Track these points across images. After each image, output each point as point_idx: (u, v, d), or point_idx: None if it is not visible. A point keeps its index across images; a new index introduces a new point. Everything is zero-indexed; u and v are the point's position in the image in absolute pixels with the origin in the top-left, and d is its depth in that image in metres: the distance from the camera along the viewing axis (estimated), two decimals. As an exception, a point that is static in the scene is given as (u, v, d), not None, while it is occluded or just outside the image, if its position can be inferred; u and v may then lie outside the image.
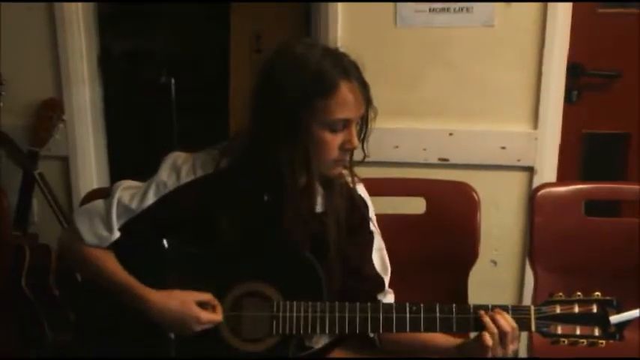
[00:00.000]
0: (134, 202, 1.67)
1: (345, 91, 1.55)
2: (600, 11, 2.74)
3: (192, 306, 1.61)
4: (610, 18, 2.73)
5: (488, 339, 1.53)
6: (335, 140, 1.59)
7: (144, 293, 1.63)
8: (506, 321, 1.54)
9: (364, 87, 1.59)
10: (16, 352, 2.29)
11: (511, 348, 1.55)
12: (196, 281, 1.66)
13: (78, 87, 2.91)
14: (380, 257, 1.78)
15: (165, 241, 1.70)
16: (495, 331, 1.53)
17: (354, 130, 1.60)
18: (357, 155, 1.68)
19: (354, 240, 1.74)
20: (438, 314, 1.57)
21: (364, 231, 1.77)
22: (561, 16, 2.58)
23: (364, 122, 1.65)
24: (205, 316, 1.62)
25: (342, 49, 1.62)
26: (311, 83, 1.53)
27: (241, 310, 1.65)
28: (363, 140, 1.66)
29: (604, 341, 1.53)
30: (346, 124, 1.58)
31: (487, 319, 1.54)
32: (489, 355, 1.54)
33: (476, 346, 1.56)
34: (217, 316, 1.64)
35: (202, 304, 1.63)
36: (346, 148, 1.61)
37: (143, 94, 3.71)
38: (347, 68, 1.56)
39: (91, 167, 3.00)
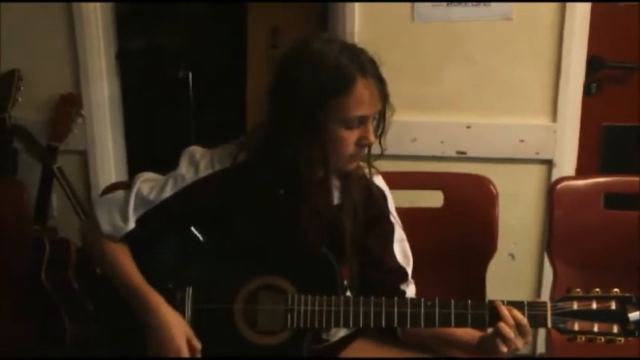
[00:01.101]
0: (152, 194, 1.68)
1: (361, 89, 1.54)
2: (619, 3, 2.71)
3: (182, 337, 1.62)
4: (629, 10, 2.70)
5: (506, 329, 1.52)
6: (351, 136, 1.58)
7: (150, 294, 1.65)
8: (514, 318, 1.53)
9: (381, 83, 1.58)
10: (35, 344, 2.31)
11: (523, 341, 1.54)
12: (212, 274, 1.68)
13: (96, 82, 2.92)
14: (401, 248, 1.77)
15: (181, 234, 1.71)
16: (512, 322, 1.52)
17: (370, 126, 1.60)
18: (375, 149, 1.68)
19: (374, 232, 1.74)
20: (452, 310, 1.56)
21: (384, 222, 1.77)
22: (580, 9, 2.56)
23: (381, 118, 1.64)
24: (185, 353, 1.62)
25: (359, 45, 1.61)
26: (327, 80, 1.53)
27: (257, 303, 1.66)
28: (380, 136, 1.65)
29: (622, 339, 1.51)
30: (362, 120, 1.58)
31: (504, 310, 1.53)
32: (509, 347, 1.53)
33: (495, 339, 1.55)
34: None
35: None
36: (362, 144, 1.61)
37: (160, 89, 3.73)
38: (364, 65, 1.55)
39: (109, 161, 3.02)
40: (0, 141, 2.85)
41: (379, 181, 1.79)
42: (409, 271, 1.77)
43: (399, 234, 1.78)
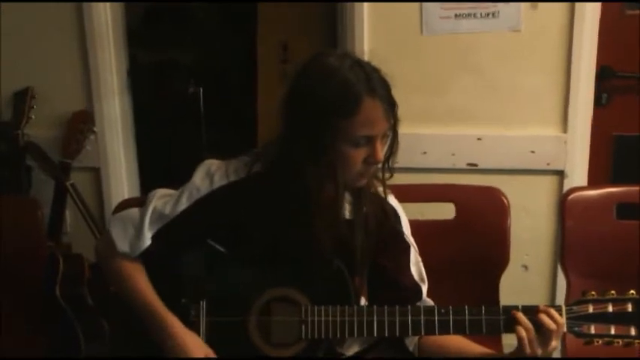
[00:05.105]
0: (168, 208, 1.68)
1: (368, 109, 1.53)
2: (629, 13, 2.72)
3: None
4: (638, 19, 2.70)
5: (522, 333, 1.52)
6: (358, 155, 1.58)
7: (166, 316, 1.65)
8: (552, 319, 1.52)
9: (390, 105, 1.57)
10: (50, 361, 2.32)
11: (553, 345, 1.53)
12: (226, 286, 1.68)
13: (108, 99, 2.94)
14: (417, 270, 1.77)
15: (196, 246, 1.71)
16: (530, 326, 1.52)
17: (378, 144, 1.58)
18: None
19: (389, 251, 1.74)
20: (467, 316, 1.57)
21: (398, 241, 1.76)
22: (589, 19, 2.57)
23: (392, 139, 1.63)
24: None
25: (372, 64, 1.60)
26: (334, 99, 1.52)
27: (270, 315, 1.66)
28: (388, 158, 1.65)
29: None
30: (370, 139, 1.57)
31: (522, 317, 1.53)
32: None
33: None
34: None
35: None
36: (370, 162, 1.60)
37: (172, 104, 3.75)
38: (373, 85, 1.54)
39: (121, 177, 3.04)
40: (13, 158, 2.87)
41: (392, 200, 1.79)
42: (424, 289, 1.76)
43: (415, 257, 1.77)
